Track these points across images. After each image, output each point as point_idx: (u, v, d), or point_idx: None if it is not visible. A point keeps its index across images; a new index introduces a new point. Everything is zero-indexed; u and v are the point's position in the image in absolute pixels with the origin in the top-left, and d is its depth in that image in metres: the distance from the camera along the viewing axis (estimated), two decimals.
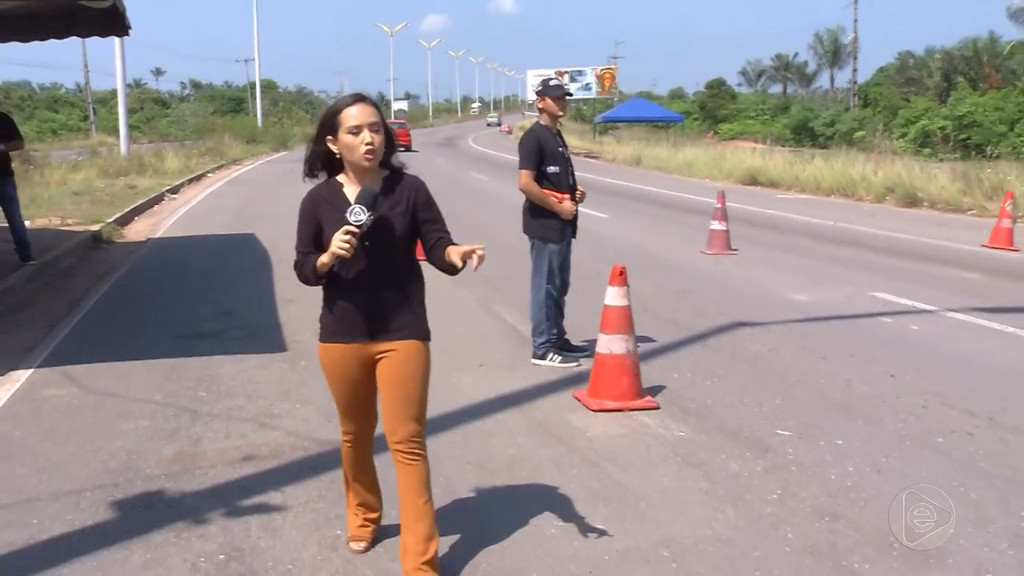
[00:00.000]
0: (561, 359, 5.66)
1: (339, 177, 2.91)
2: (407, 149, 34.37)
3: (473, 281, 7.66)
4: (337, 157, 2.87)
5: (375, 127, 2.78)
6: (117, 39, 20.20)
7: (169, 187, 18.43)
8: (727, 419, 4.67)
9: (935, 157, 29.38)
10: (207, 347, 6.05)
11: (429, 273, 2.98)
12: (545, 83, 5.64)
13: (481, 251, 2.71)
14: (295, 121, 50.23)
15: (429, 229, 2.90)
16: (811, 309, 7.30)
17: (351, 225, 2.70)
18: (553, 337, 5.73)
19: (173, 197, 17.74)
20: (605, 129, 47.88)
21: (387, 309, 2.87)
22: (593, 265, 8.08)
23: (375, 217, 2.76)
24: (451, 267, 2.83)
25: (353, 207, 2.73)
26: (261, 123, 44.33)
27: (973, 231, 12.01)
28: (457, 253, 2.76)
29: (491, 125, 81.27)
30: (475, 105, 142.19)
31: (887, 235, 12.01)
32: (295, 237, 2.92)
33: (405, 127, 40.00)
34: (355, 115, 2.78)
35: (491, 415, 4.73)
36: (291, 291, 7.46)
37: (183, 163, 23.89)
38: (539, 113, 5.77)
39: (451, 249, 2.80)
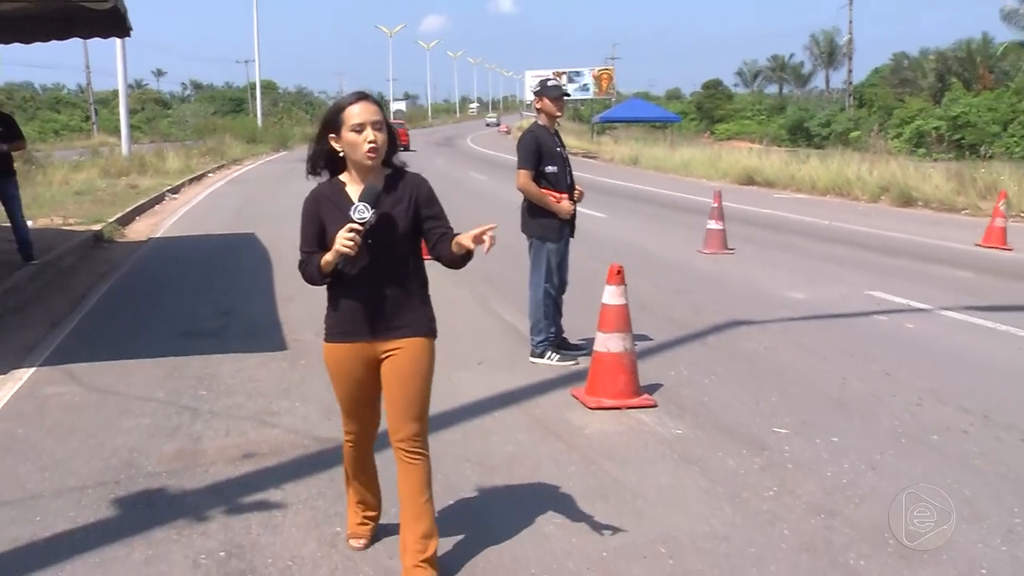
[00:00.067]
0: (559, 357, 5.68)
1: (341, 176, 2.91)
2: (405, 149, 34.36)
3: (472, 280, 7.70)
4: (340, 155, 2.87)
5: (378, 125, 2.78)
6: (118, 40, 20.18)
7: (170, 187, 18.44)
8: (724, 417, 4.69)
9: (929, 157, 29.41)
10: (207, 345, 6.07)
11: (429, 272, 2.99)
12: (543, 84, 5.67)
13: (492, 231, 2.70)
14: (295, 121, 50.32)
15: (432, 225, 2.89)
16: (807, 308, 7.33)
17: (355, 223, 2.71)
18: (551, 335, 5.76)
19: (174, 197, 17.75)
20: (603, 129, 47.86)
21: (391, 307, 2.86)
22: (591, 264, 8.10)
23: (378, 214, 2.77)
24: (460, 258, 2.83)
25: (357, 205, 2.74)
26: (261, 123, 44.37)
27: (967, 230, 12.04)
28: (468, 237, 2.74)
29: (490, 125, 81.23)
30: (473, 105, 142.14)
31: (882, 234, 12.04)
32: (295, 236, 2.93)
33: (404, 127, 40.02)
34: (358, 113, 2.78)
35: (490, 413, 4.76)
36: (291, 290, 7.50)
37: (184, 163, 23.88)
38: (537, 113, 5.80)
39: (460, 237, 2.79)
